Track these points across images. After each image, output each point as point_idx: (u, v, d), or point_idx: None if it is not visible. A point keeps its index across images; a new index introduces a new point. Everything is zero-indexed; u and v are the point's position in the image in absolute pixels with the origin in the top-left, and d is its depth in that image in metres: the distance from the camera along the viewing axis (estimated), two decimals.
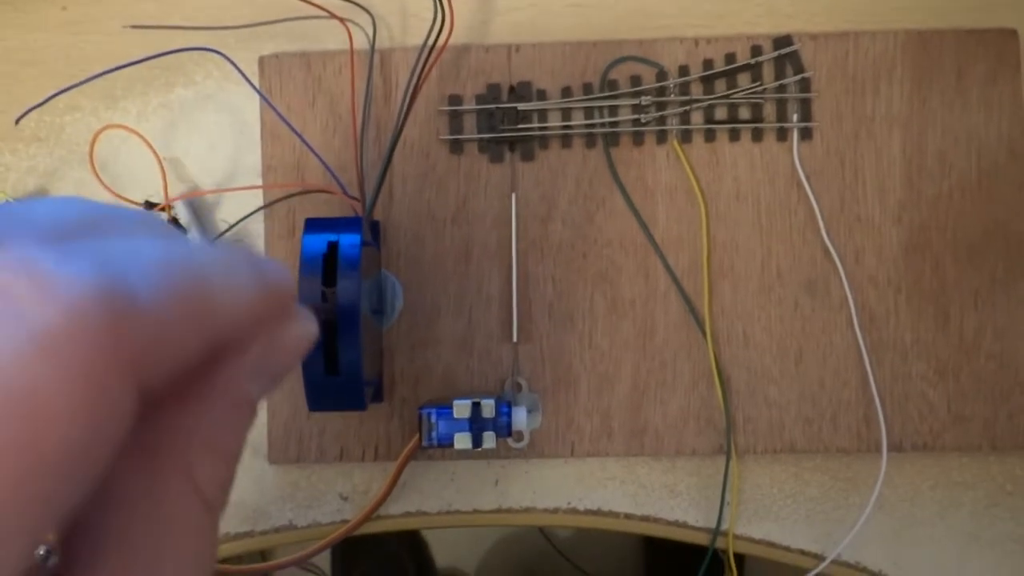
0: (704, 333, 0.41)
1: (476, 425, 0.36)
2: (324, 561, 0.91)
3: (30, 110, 0.40)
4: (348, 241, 0.35)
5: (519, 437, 0.41)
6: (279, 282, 0.18)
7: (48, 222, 0.15)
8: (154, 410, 0.15)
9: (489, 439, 0.36)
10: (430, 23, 0.39)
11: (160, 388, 0.14)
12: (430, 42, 0.39)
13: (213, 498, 0.16)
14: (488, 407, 0.36)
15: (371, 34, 0.41)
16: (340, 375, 0.34)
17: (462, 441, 0.36)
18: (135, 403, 0.13)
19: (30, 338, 0.12)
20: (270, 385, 0.18)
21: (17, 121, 0.41)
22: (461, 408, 0.36)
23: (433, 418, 0.36)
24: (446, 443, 0.36)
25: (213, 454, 0.16)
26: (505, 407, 0.37)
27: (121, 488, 0.15)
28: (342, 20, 0.40)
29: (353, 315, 0.34)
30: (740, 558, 0.47)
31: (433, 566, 0.95)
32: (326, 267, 0.34)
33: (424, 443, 0.36)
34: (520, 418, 0.37)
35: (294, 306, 0.19)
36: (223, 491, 0.17)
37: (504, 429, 0.37)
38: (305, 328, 0.19)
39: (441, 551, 0.95)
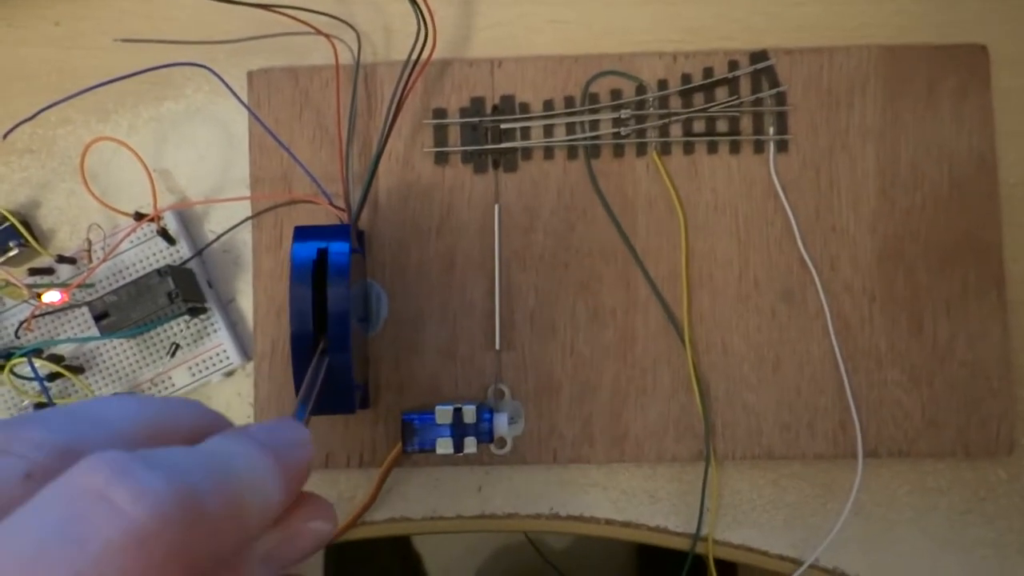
0: (683, 341, 0.42)
1: (458, 431, 0.37)
2: (316, 574, 0.91)
3: (20, 123, 0.41)
4: (337, 248, 0.36)
5: (501, 443, 0.41)
6: (298, 456, 0.20)
7: (121, 426, 0.18)
8: None
9: (471, 444, 0.37)
10: (414, 38, 0.40)
11: None
12: (413, 57, 0.40)
13: None
14: (469, 413, 0.37)
15: (356, 49, 0.42)
16: (331, 379, 0.35)
17: (444, 446, 0.37)
18: None
19: (127, 535, 0.14)
20: (279, 572, 0.19)
21: (5, 135, 0.41)
22: (443, 414, 0.37)
23: (416, 424, 0.37)
24: (428, 448, 0.37)
25: None
26: (487, 413, 0.38)
27: None
28: (328, 36, 0.41)
29: (343, 320, 0.35)
30: (731, 565, 0.48)
31: None
32: (316, 274, 0.35)
33: (406, 448, 0.37)
34: (502, 424, 0.38)
35: (318, 499, 0.20)
36: None
37: (486, 435, 0.38)
38: (323, 528, 0.20)
39: (434, 564, 0.96)
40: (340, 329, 0.35)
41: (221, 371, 0.42)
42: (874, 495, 0.42)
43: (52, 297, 0.40)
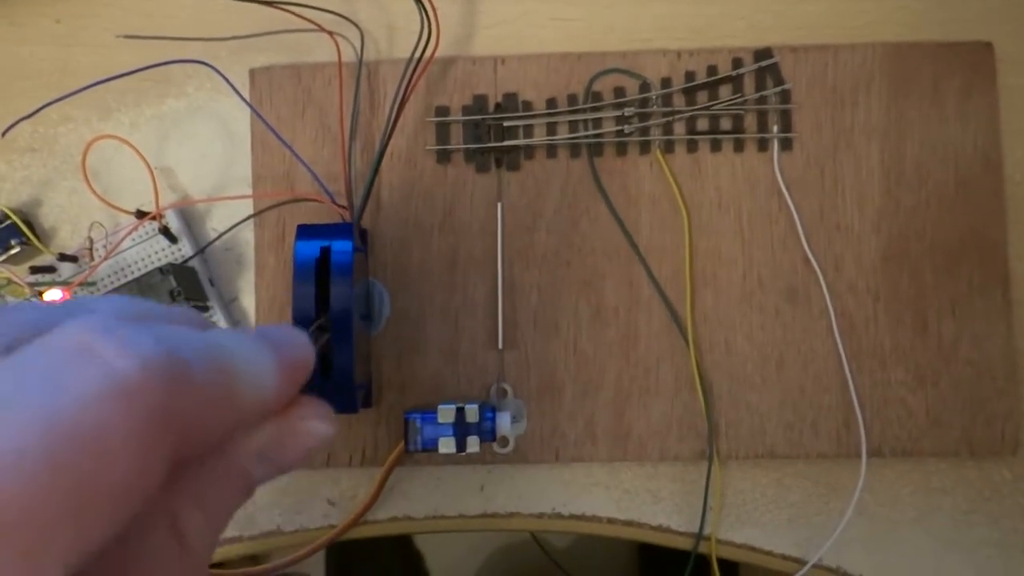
0: (687, 340, 0.42)
1: (460, 430, 0.37)
2: (318, 572, 0.91)
3: (19, 120, 0.40)
4: (340, 246, 0.36)
5: (504, 442, 0.41)
6: (297, 355, 0.19)
7: (112, 310, 0.17)
8: None
9: (473, 443, 0.37)
10: (417, 36, 0.40)
11: (181, 460, 0.15)
12: (416, 55, 0.40)
13: (196, 551, 0.17)
14: (472, 412, 0.37)
15: (359, 47, 0.42)
16: (333, 377, 0.35)
17: (446, 445, 0.36)
18: (170, 462, 0.15)
19: (112, 384, 0.14)
20: (273, 473, 0.19)
21: (4, 132, 0.41)
22: (445, 413, 0.37)
23: (418, 423, 0.37)
24: (431, 447, 0.37)
25: (200, 511, 0.17)
26: (489, 412, 0.38)
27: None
28: (331, 34, 0.41)
29: (346, 319, 0.35)
30: (734, 565, 0.48)
31: None
32: (319, 272, 0.35)
33: (409, 448, 0.37)
34: (504, 423, 0.38)
35: (318, 401, 0.20)
36: (207, 548, 0.17)
37: (488, 434, 0.37)
38: (321, 429, 0.19)
39: (435, 563, 0.96)
40: (343, 327, 0.35)
41: None
42: (878, 495, 0.42)
43: (54, 295, 0.40)
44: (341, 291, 0.35)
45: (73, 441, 0.13)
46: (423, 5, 0.39)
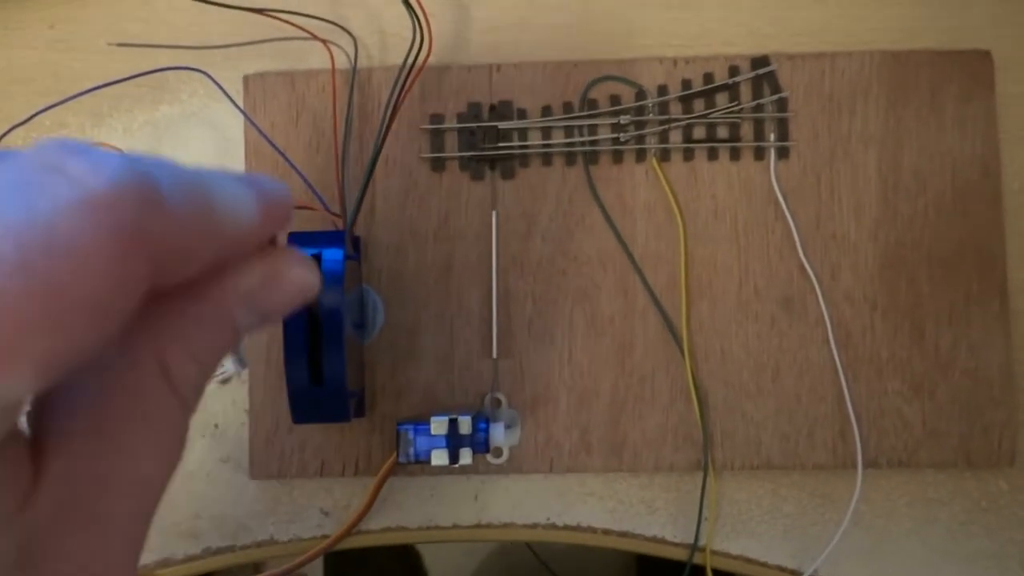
0: (682, 349, 0.41)
1: (453, 441, 0.37)
2: (316, 572, 0.91)
3: (13, 127, 0.40)
4: (331, 254, 0.36)
5: (498, 453, 0.41)
6: (277, 196, 0.19)
7: (83, 144, 0.17)
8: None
9: (466, 455, 0.36)
10: (406, 45, 0.40)
11: (162, 287, 0.16)
12: (409, 62, 0.40)
13: (184, 394, 0.17)
14: (465, 423, 0.37)
15: (352, 54, 0.42)
16: (324, 386, 0.35)
17: (439, 457, 0.36)
18: (146, 284, 0.15)
19: (81, 198, 0.14)
20: (259, 321, 0.19)
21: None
22: (438, 424, 0.36)
23: (410, 434, 0.37)
24: (423, 459, 0.36)
25: (186, 354, 0.17)
26: (483, 423, 0.37)
27: (97, 365, 0.16)
28: (324, 42, 0.41)
29: (338, 326, 0.35)
30: None
31: None
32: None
33: (401, 459, 0.36)
34: (498, 434, 0.38)
35: (301, 253, 0.20)
36: (195, 392, 0.18)
37: (482, 445, 0.37)
38: (305, 276, 0.19)
39: (434, 564, 0.96)
40: (334, 336, 0.35)
41: (216, 379, 0.42)
42: (874, 506, 0.42)
43: None
44: (332, 299, 0.35)
45: (45, 248, 0.13)
46: (415, 12, 0.39)
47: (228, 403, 0.43)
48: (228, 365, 0.42)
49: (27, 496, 0.15)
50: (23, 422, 0.16)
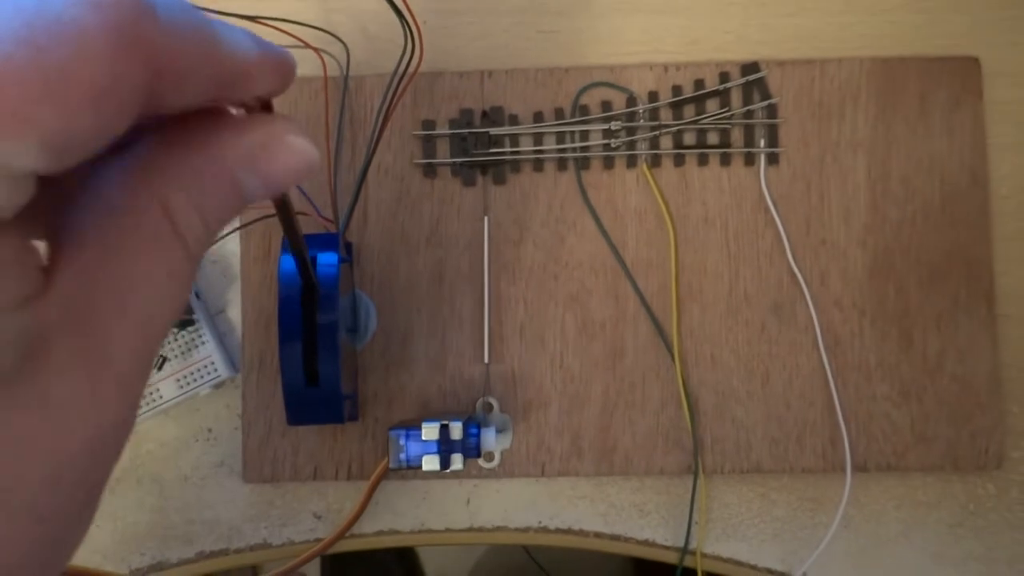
0: (672, 355, 0.42)
1: (444, 447, 0.37)
2: (314, 571, 0.92)
3: None
4: (325, 256, 0.36)
5: (489, 457, 0.41)
6: (277, 49, 0.20)
7: None
8: (147, 137, 0.18)
9: (457, 461, 0.37)
10: (398, 52, 0.40)
11: (161, 105, 0.17)
12: (400, 69, 0.40)
13: (189, 240, 0.18)
14: (456, 429, 0.37)
15: (344, 62, 0.42)
16: (320, 387, 0.35)
17: (430, 463, 0.36)
18: (143, 92, 0.16)
19: None
20: (262, 187, 0.19)
21: None
22: (429, 430, 0.37)
23: (402, 440, 0.37)
24: (415, 465, 0.37)
25: (189, 202, 0.18)
26: (474, 428, 0.38)
27: (105, 200, 0.17)
28: (316, 50, 0.41)
29: (332, 327, 0.35)
30: None
31: None
32: (305, 282, 0.35)
33: (392, 464, 0.37)
34: (489, 440, 0.38)
35: (298, 124, 0.20)
36: (198, 243, 0.18)
37: (473, 450, 0.37)
38: (305, 144, 0.20)
39: (431, 561, 0.96)
40: (329, 338, 0.35)
41: (209, 383, 0.42)
42: (863, 509, 0.42)
43: None
44: (327, 300, 0.35)
45: (51, 30, 0.14)
46: (406, 20, 0.39)
47: (222, 408, 0.43)
48: (222, 369, 0.42)
49: (34, 294, 0.17)
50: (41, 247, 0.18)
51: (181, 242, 0.18)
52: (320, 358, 0.35)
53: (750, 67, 0.43)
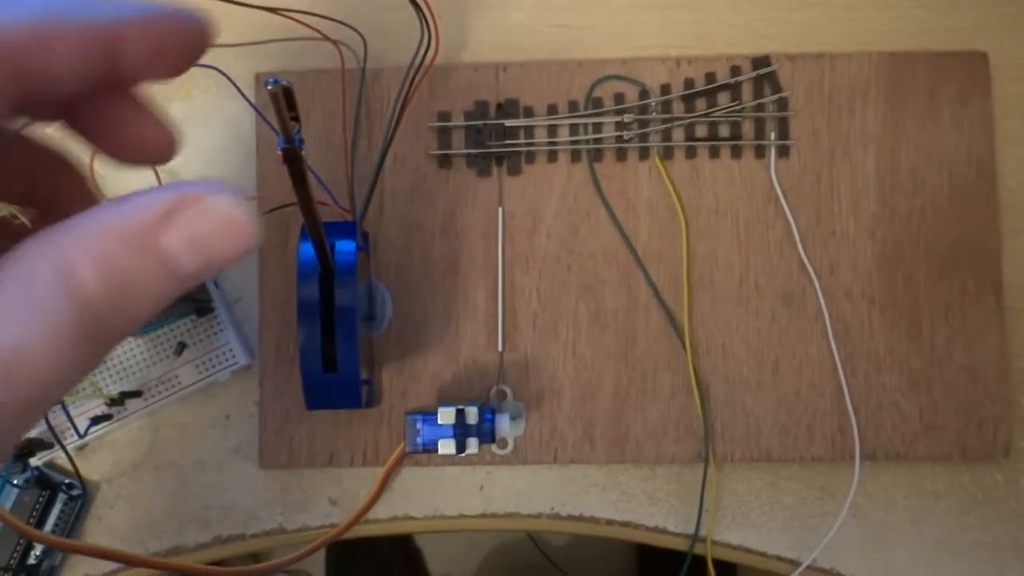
0: (684, 344, 0.42)
1: (460, 431, 0.37)
2: (319, 569, 0.92)
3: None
4: (344, 243, 0.36)
5: (503, 444, 0.42)
6: (175, 11, 0.19)
7: None
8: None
9: (472, 445, 0.37)
10: (414, 45, 0.41)
11: (42, 75, 0.17)
12: (416, 61, 0.40)
13: (86, 295, 0.16)
14: (472, 414, 0.37)
15: (362, 54, 0.43)
16: (337, 372, 0.36)
17: (446, 446, 0.37)
18: None
19: None
20: (190, 260, 0.17)
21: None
22: (445, 414, 0.37)
23: (418, 424, 0.37)
24: (430, 448, 0.37)
25: (91, 258, 0.17)
26: (489, 414, 0.38)
27: (19, 251, 0.16)
28: (335, 42, 0.42)
29: (351, 314, 0.35)
30: (732, 566, 0.48)
31: (427, 575, 0.96)
32: (323, 267, 0.36)
33: (409, 448, 0.37)
34: (503, 425, 0.39)
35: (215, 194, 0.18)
36: (100, 298, 0.17)
37: (488, 435, 0.38)
38: (235, 211, 0.18)
39: (435, 560, 0.96)
40: (347, 324, 0.36)
41: (227, 369, 0.43)
42: (872, 498, 0.43)
43: None
44: (345, 285, 0.36)
45: None
46: (423, 12, 0.40)
47: (239, 394, 0.44)
48: (239, 356, 0.43)
49: None
50: None
51: (75, 301, 0.16)
52: (338, 343, 0.36)
53: (761, 61, 0.43)
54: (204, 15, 0.20)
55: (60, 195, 0.23)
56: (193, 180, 0.19)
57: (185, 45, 0.20)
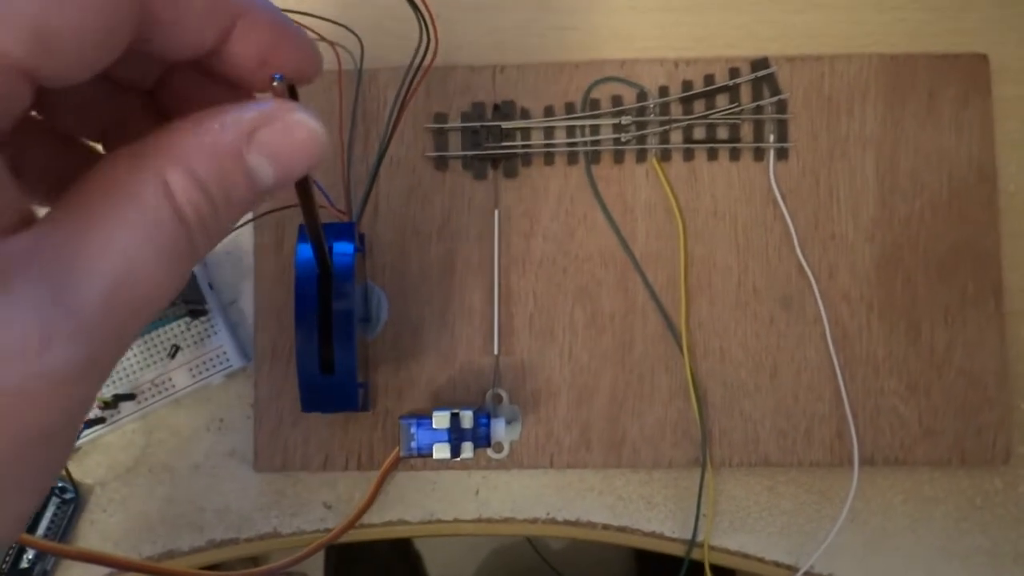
0: (681, 347, 0.42)
1: (455, 435, 0.37)
2: (317, 570, 0.92)
3: None
4: (341, 247, 0.36)
5: (498, 448, 0.42)
6: (301, 32, 0.20)
7: None
8: (155, 132, 0.18)
9: (467, 449, 0.37)
10: (416, 43, 0.40)
11: (160, 24, 0.17)
12: (415, 63, 0.40)
13: (186, 215, 0.17)
14: (467, 418, 0.37)
15: (359, 55, 0.42)
16: (335, 374, 0.35)
17: (441, 451, 0.37)
18: (134, 7, 0.16)
19: None
20: (268, 168, 0.18)
21: None
22: (440, 419, 0.37)
23: (413, 428, 0.37)
24: (425, 453, 0.37)
25: (190, 178, 0.17)
26: (484, 418, 0.38)
27: (106, 177, 0.17)
28: (332, 44, 0.42)
29: (348, 316, 0.35)
30: (730, 571, 0.48)
31: None
32: (322, 269, 0.35)
33: (403, 452, 0.37)
34: (499, 429, 0.38)
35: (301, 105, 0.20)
36: (200, 220, 0.17)
37: (483, 440, 0.38)
38: (311, 121, 0.19)
39: (434, 562, 0.96)
40: (345, 326, 0.35)
41: (222, 372, 0.43)
42: (870, 503, 0.42)
43: None
44: (343, 288, 0.35)
45: None
46: (422, 14, 0.40)
47: (233, 397, 0.43)
48: (234, 359, 0.42)
49: (5, 226, 0.16)
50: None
51: (178, 218, 0.17)
52: (336, 345, 0.35)
53: (760, 63, 0.43)
54: (319, 52, 0.21)
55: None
56: (268, 99, 0.19)
57: (291, 66, 0.20)
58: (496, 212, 0.43)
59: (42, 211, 0.18)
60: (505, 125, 0.43)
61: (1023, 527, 0.42)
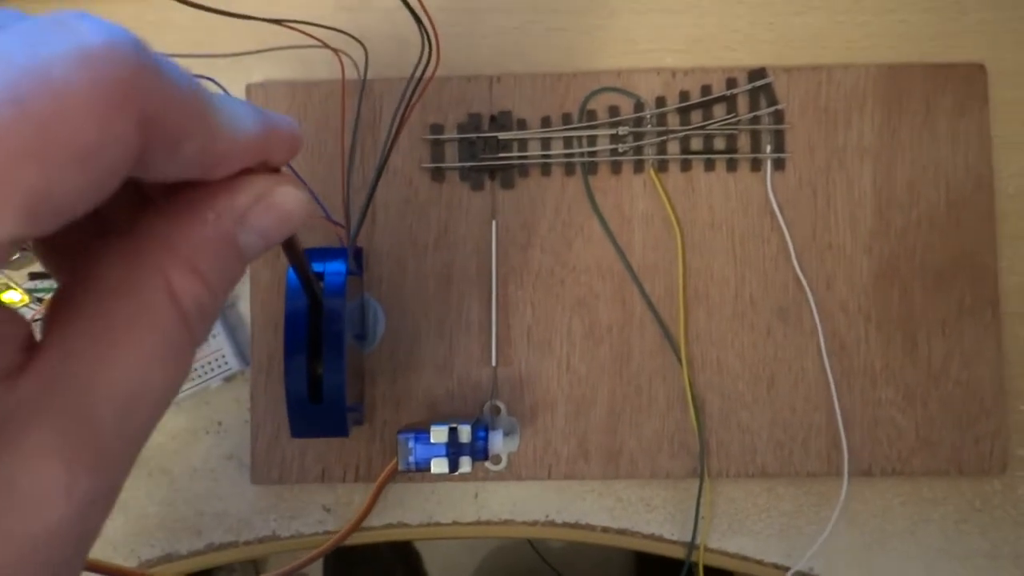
0: (679, 358, 0.42)
1: (453, 450, 0.37)
2: (317, 571, 0.92)
3: None
4: (334, 271, 0.36)
5: (496, 460, 0.42)
6: (283, 124, 0.20)
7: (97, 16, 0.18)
8: (143, 214, 0.18)
9: (465, 463, 0.37)
10: (414, 54, 0.40)
11: (151, 171, 0.16)
12: (417, 74, 0.40)
13: (189, 312, 0.17)
14: (464, 432, 0.37)
15: (362, 64, 0.42)
16: (323, 402, 0.35)
17: (439, 466, 0.37)
18: (134, 150, 0.15)
19: (79, 46, 0.15)
20: (258, 242, 0.19)
21: None
22: (438, 433, 0.37)
23: (411, 443, 0.37)
24: (423, 468, 0.37)
25: (192, 273, 0.18)
26: (482, 431, 0.38)
27: (103, 278, 0.17)
28: (336, 51, 0.41)
29: (338, 343, 0.35)
30: (729, 575, 0.48)
31: None
32: (311, 302, 0.35)
33: (401, 467, 0.37)
34: (497, 442, 0.38)
35: (287, 174, 0.20)
36: (201, 312, 0.18)
37: (481, 453, 0.38)
38: (294, 192, 0.20)
39: (434, 563, 0.96)
40: (334, 356, 0.35)
41: (220, 376, 0.43)
42: (869, 505, 0.43)
43: None
44: (333, 316, 0.35)
45: (37, 87, 0.14)
46: (425, 27, 0.39)
47: (231, 401, 0.44)
48: (232, 362, 0.43)
49: (13, 369, 0.16)
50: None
51: (181, 316, 0.17)
52: (325, 374, 0.35)
53: (757, 73, 0.43)
54: (300, 136, 0.21)
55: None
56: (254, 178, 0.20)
57: (277, 159, 0.20)
58: (493, 223, 0.43)
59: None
60: (502, 136, 0.43)
61: (1022, 529, 0.43)
